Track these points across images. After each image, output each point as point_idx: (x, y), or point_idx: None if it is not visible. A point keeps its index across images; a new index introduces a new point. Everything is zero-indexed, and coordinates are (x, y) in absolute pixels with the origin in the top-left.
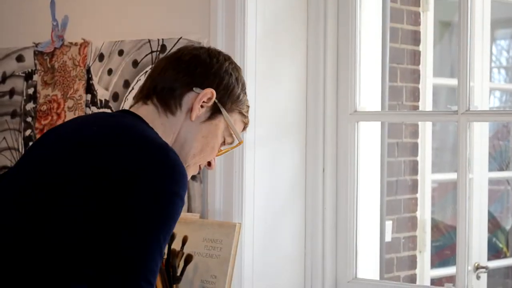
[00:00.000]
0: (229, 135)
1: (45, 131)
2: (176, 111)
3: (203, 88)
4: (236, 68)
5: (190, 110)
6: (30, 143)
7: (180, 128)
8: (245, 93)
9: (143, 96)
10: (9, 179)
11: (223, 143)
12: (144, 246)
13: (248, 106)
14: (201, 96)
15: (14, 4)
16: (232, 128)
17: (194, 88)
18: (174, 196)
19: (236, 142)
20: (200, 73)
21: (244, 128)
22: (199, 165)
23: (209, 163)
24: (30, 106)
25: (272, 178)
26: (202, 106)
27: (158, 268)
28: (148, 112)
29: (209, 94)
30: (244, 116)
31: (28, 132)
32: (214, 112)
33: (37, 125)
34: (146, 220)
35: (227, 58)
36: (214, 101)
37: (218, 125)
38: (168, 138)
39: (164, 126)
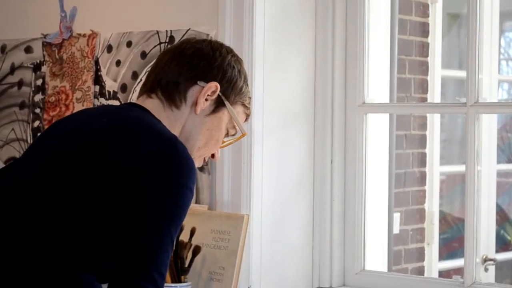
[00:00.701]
0: (232, 127)
1: (53, 122)
2: (180, 105)
3: (207, 81)
4: (238, 61)
5: (195, 103)
6: (38, 134)
7: (185, 121)
8: (247, 84)
9: (147, 89)
10: (17, 170)
11: (227, 135)
12: (155, 239)
13: (250, 98)
14: (205, 90)
15: None
16: (236, 120)
17: (198, 82)
18: (183, 188)
19: (239, 134)
20: (203, 66)
21: (246, 119)
22: (204, 158)
23: (212, 155)
24: (38, 97)
25: (280, 170)
26: (206, 100)
27: (169, 260)
28: (154, 105)
29: (213, 87)
30: (246, 107)
31: (36, 123)
32: (218, 105)
33: (45, 116)
34: (156, 212)
35: (230, 51)
36: (218, 94)
37: (222, 118)
38: (173, 131)
39: (169, 119)
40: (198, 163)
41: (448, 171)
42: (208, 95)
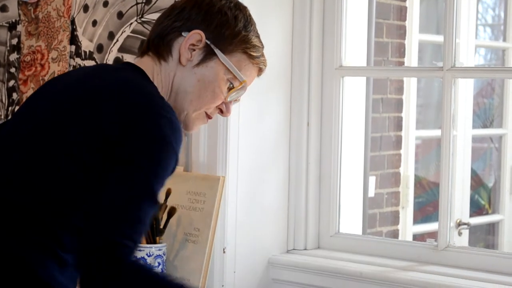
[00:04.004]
0: (233, 77)
1: (28, 82)
2: (168, 58)
3: (190, 30)
4: (236, 7)
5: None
6: (14, 94)
7: (174, 74)
8: (250, 31)
9: (144, 49)
10: (7, 130)
11: (232, 87)
12: (132, 194)
13: (259, 46)
14: (187, 39)
15: None
16: (231, 68)
17: (182, 33)
18: (166, 144)
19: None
20: (189, 16)
21: (260, 71)
22: (206, 113)
23: (221, 110)
24: (13, 56)
25: (256, 132)
26: (193, 49)
27: (149, 219)
28: (147, 64)
29: (196, 36)
30: (251, 56)
31: (11, 82)
32: (208, 54)
33: (20, 75)
34: (137, 167)
35: None
36: (206, 43)
37: (214, 68)
38: (164, 87)
39: (160, 75)
40: (201, 121)
41: (423, 136)
42: (193, 44)
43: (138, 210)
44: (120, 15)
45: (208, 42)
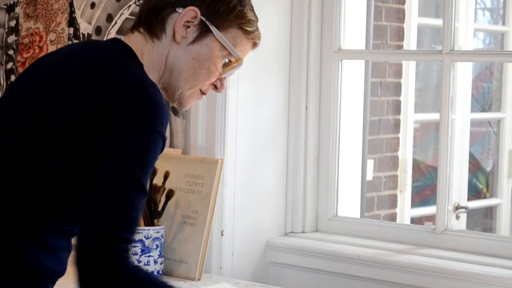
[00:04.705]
0: (228, 54)
1: (27, 64)
2: (161, 35)
3: (185, 6)
4: None
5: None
6: (12, 76)
7: (168, 52)
8: (245, 5)
9: (134, 25)
10: None
11: (228, 64)
12: (123, 184)
13: (254, 21)
14: (182, 16)
15: None
16: (227, 45)
17: (177, 9)
18: (151, 130)
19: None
20: None
21: (255, 45)
22: (201, 90)
23: (215, 86)
24: (12, 38)
25: (254, 115)
26: (188, 27)
27: (141, 206)
28: (137, 41)
29: (191, 12)
30: (246, 31)
31: (9, 65)
32: (203, 31)
33: (19, 58)
34: (123, 156)
35: None
36: (201, 19)
37: (210, 45)
38: (157, 65)
39: (152, 53)
40: (195, 98)
41: (422, 119)
42: (187, 21)
43: (132, 209)
44: None
45: (203, 19)
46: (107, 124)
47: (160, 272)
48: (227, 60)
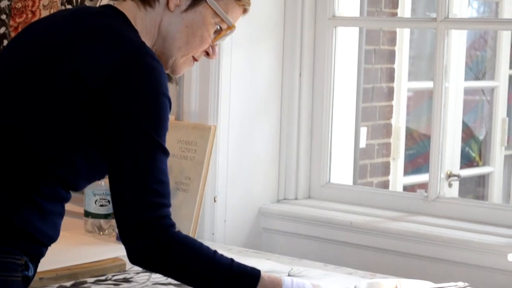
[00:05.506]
0: (220, 21)
1: (19, 29)
2: (154, 4)
3: None
4: None
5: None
6: (5, 41)
7: (161, 21)
8: None
9: None
10: None
11: (219, 30)
12: (146, 152)
13: None
14: None
15: None
16: (220, 12)
17: None
18: (158, 95)
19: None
20: None
21: (245, 12)
22: (193, 57)
23: (207, 53)
24: (4, 3)
25: (248, 82)
26: None
27: (167, 168)
28: (129, 8)
29: None
30: None
31: (2, 29)
32: None
33: (11, 22)
34: (139, 125)
35: None
36: None
37: (203, 12)
38: (150, 33)
39: (144, 21)
40: (188, 65)
41: (415, 87)
42: None
43: (159, 172)
44: None
45: None
46: (112, 92)
47: None
48: (219, 27)
